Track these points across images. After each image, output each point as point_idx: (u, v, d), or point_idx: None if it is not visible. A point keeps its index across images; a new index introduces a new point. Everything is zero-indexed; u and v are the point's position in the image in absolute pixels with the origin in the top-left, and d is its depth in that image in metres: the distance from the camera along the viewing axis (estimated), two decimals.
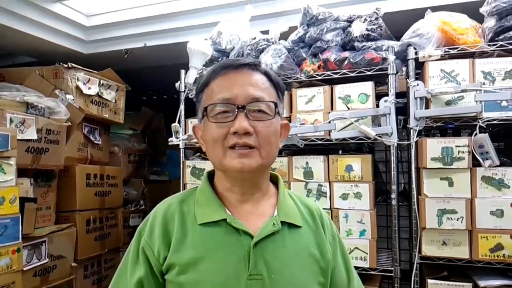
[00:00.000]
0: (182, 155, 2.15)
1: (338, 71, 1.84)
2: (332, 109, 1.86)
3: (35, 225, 1.88)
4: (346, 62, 1.81)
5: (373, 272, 1.77)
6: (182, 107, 2.12)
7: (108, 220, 2.51)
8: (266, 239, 0.79)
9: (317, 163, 1.84)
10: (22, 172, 1.88)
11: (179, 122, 2.11)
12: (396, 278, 1.74)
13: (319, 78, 1.89)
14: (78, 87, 2.27)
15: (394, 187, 1.76)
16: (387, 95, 1.77)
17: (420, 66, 1.78)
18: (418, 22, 1.76)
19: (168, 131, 2.19)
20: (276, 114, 0.81)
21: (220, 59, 2.10)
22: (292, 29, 2.02)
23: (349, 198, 1.79)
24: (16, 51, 2.83)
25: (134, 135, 3.22)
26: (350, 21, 1.88)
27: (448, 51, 1.69)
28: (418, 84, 1.68)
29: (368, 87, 1.80)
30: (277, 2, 2.26)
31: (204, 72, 2.08)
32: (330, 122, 1.80)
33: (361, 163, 1.78)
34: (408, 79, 1.74)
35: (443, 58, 1.70)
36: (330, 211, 1.81)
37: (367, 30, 1.80)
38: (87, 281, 2.35)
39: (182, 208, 0.83)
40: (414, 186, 1.70)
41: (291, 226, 0.83)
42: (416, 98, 1.68)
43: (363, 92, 1.80)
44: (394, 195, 1.75)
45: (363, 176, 1.77)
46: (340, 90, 1.84)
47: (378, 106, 1.78)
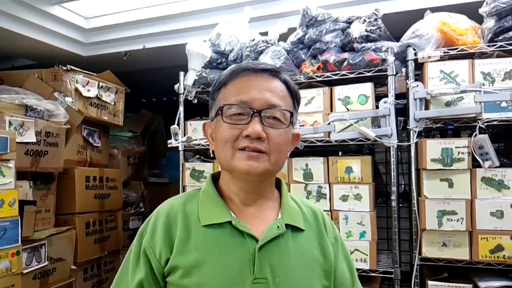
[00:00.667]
0: (181, 157, 2.15)
1: (337, 72, 1.84)
2: (331, 110, 1.85)
3: (34, 228, 1.88)
4: (346, 63, 1.81)
5: (373, 274, 1.76)
6: (181, 109, 2.12)
7: (108, 222, 2.50)
8: (270, 242, 0.78)
9: (316, 164, 1.84)
10: (21, 175, 1.87)
11: (178, 124, 2.11)
12: (396, 280, 1.73)
13: (319, 79, 1.89)
14: (77, 90, 2.27)
15: (394, 189, 1.76)
16: (386, 96, 1.76)
17: (419, 67, 1.78)
18: (417, 23, 1.76)
19: (168, 133, 2.19)
20: (290, 123, 0.81)
21: (219, 61, 2.10)
22: (291, 30, 2.02)
23: (349, 199, 1.79)
24: (15, 54, 2.83)
25: (133, 137, 3.21)
26: (349, 22, 1.88)
27: (448, 52, 1.69)
28: (417, 85, 1.68)
29: (367, 88, 1.80)
30: (276, 3, 2.27)
31: (203, 74, 2.08)
32: (329, 124, 1.80)
33: (361, 165, 1.77)
34: (407, 80, 1.74)
35: (442, 59, 1.70)
36: (330, 213, 1.81)
37: (367, 31, 1.80)
38: (87, 283, 2.34)
39: (185, 209, 0.83)
40: (414, 187, 1.70)
41: (295, 229, 0.83)
42: (415, 99, 1.68)
43: (362, 93, 1.80)
44: (394, 197, 1.75)
45: (363, 178, 1.77)
46: (340, 91, 1.84)
47: (377, 107, 1.78)
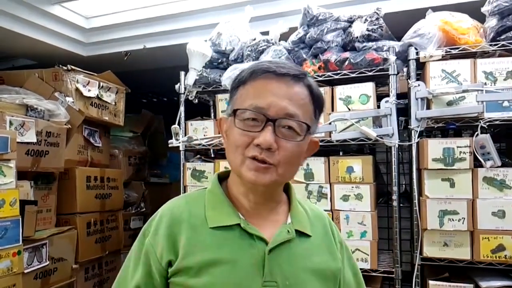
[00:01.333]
0: (182, 157, 2.15)
1: (338, 71, 1.83)
2: (332, 110, 1.85)
3: (35, 227, 1.88)
4: (347, 62, 1.80)
5: (374, 274, 1.76)
6: (182, 108, 2.12)
7: (109, 222, 2.50)
8: (280, 246, 0.78)
9: (317, 164, 1.83)
10: (22, 175, 1.87)
11: (179, 124, 2.10)
12: (397, 280, 1.73)
13: (320, 79, 1.88)
14: (77, 90, 2.26)
15: (395, 188, 1.75)
16: (388, 96, 1.76)
17: (421, 66, 1.77)
18: (419, 22, 1.75)
19: (168, 134, 2.18)
20: (306, 135, 0.77)
21: (219, 61, 2.09)
22: (292, 30, 2.02)
23: (350, 199, 1.78)
24: (16, 54, 2.83)
25: (134, 138, 3.21)
26: (351, 21, 1.88)
27: (449, 51, 1.68)
28: (419, 85, 1.67)
29: (369, 87, 1.79)
30: (277, 3, 2.26)
31: (203, 73, 2.07)
32: (330, 123, 1.79)
33: (362, 165, 1.77)
34: (409, 80, 1.73)
35: (444, 58, 1.69)
36: (331, 213, 1.80)
37: (368, 31, 1.79)
38: (88, 283, 2.34)
39: (190, 209, 0.81)
40: (415, 187, 1.69)
41: (302, 235, 0.82)
42: (417, 99, 1.68)
43: (364, 93, 1.80)
44: (395, 196, 1.75)
45: (364, 178, 1.77)
46: (341, 91, 1.84)
47: (379, 107, 1.77)
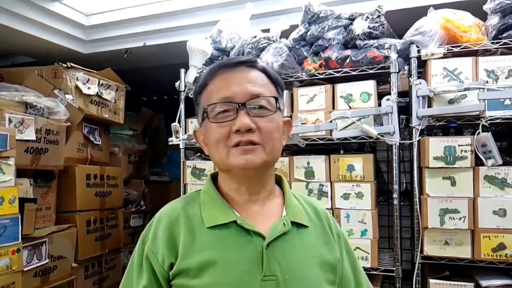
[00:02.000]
0: (182, 155, 2.14)
1: (339, 69, 1.83)
2: (333, 108, 1.84)
3: (35, 225, 1.87)
4: (348, 60, 1.79)
5: (374, 272, 1.76)
6: (182, 106, 2.11)
7: (109, 220, 2.50)
8: (277, 239, 0.78)
9: (318, 163, 1.83)
10: (21, 173, 1.87)
11: (179, 122, 2.10)
12: (397, 278, 1.73)
13: (321, 77, 1.87)
14: (77, 87, 2.25)
15: (396, 187, 1.75)
16: (388, 94, 1.75)
17: (422, 64, 1.76)
18: (420, 20, 1.74)
19: (168, 132, 2.18)
20: (277, 109, 0.80)
21: (220, 58, 2.08)
22: (293, 27, 2.01)
23: (350, 198, 1.78)
24: (15, 51, 2.82)
25: (134, 136, 3.21)
26: (352, 19, 1.87)
27: (451, 49, 1.67)
28: (420, 83, 1.67)
29: (370, 85, 1.79)
30: (278, 0, 2.25)
31: (204, 71, 2.06)
32: (331, 122, 1.78)
33: (362, 163, 1.76)
34: (410, 78, 1.72)
35: (446, 56, 1.68)
36: (332, 211, 1.80)
37: (369, 28, 1.78)
38: (88, 281, 2.34)
39: (187, 211, 0.82)
40: (416, 185, 1.69)
41: (299, 226, 0.83)
42: (418, 97, 1.67)
43: (365, 91, 1.79)
44: (396, 195, 1.74)
45: (364, 176, 1.76)
46: (342, 89, 1.83)
47: (380, 105, 1.76)
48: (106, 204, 2.47)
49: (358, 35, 1.80)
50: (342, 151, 2.06)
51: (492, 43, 1.64)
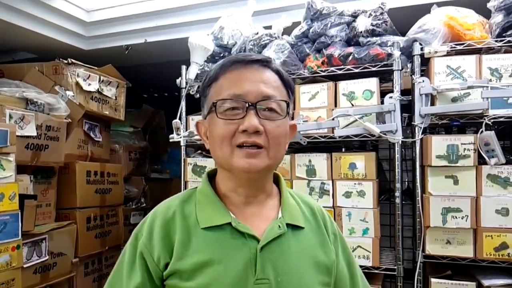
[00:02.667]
0: (183, 152, 2.13)
1: (342, 67, 1.82)
2: (335, 106, 1.83)
3: (35, 222, 1.87)
4: (351, 57, 1.78)
5: (376, 271, 1.75)
6: (183, 103, 2.10)
7: (109, 217, 2.49)
8: (272, 242, 0.77)
9: (320, 161, 1.82)
10: (21, 169, 1.86)
11: (180, 119, 2.08)
12: (399, 277, 1.72)
13: (323, 74, 1.86)
14: (78, 83, 2.25)
15: (398, 185, 1.74)
16: (391, 92, 1.74)
17: (425, 62, 1.75)
18: (424, 17, 1.73)
19: (169, 129, 2.17)
20: (287, 114, 0.79)
21: (222, 55, 2.07)
22: (296, 24, 2.00)
23: (352, 196, 1.77)
24: (16, 47, 2.81)
25: (134, 133, 3.20)
26: (355, 16, 1.86)
27: (455, 47, 1.66)
28: (423, 81, 1.66)
29: (372, 83, 1.78)
30: None
31: (205, 67, 2.05)
32: (333, 119, 1.77)
33: (364, 161, 1.76)
34: (413, 75, 1.71)
35: (449, 54, 1.67)
36: (333, 210, 1.79)
37: (372, 25, 1.77)
38: (88, 278, 2.34)
39: (183, 210, 0.80)
40: (418, 184, 1.68)
41: (295, 228, 0.82)
42: (421, 95, 1.66)
43: (367, 89, 1.78)
44: (397, 194, 1.73)
45: (366, 174, 1.75)
46: (344, 86, 1.82)
47: (382, 103, 1.75)
48: (106, 201, 2.47)
49: (361, 32, 1.79)
50: (343, 149, 2.05)
51: (496, 41, 1.63)
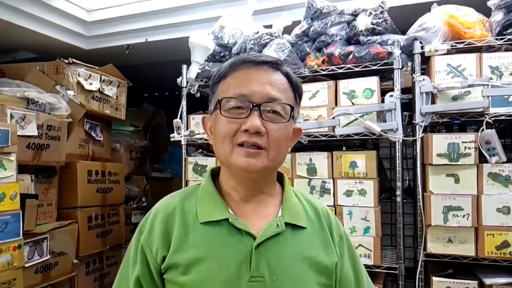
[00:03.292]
0: (184, 151, 2.13)
1: (342, 65, 1.82)
2: (336, 104, 1.83)
3: (36, 221, 1.87)
4: (351, 56, 1.78)
5: (377, 270, 1.75)
6: (184, 102, 2.10)
7: (110, 217, 2.49)
8: (269, 240, 0.77)
9: (320, 159, 1.82)
10: (23, 169, 1.86)
11: (181, 118, 2.09)
12: (400, 276, 1.72)
13: (323, 73, 1.86)
14: (79, 83, 2.25)
15: (399, 184, 1.74)
16: (392, 90, 1.74)
17: (426, 60, 1.75)
18: (424, 16, 1.73)
19: (170, 128, 2.17)
20: (290, 117, 0.79)
21: (222, 54, 2.07)
22: (296, 23, 2.00)
23: (353, 195, 1.77)
24: (17, 47, 2.82)
25: (135, 132, 3.20)
26: (355, 14, 1.86)
27: (455, 45, 1.66)
28: (424, 79, 1.66)
29: (373, 82, 1.78)
30: None
31: (206, 67, 2.05)
32: (334, 118, 1.78)
33: (365, 160, 1.76)
34: (414, 74, 1.71)
35: (449, 52, 1.67)
36: (334, 208, 1.79)
37: (372, 24, 1.77)
38: (89, 278, 2.34)
39: (183, 205, 0.82)
40: (419, 182, 1.68)
41: (295, 227, 0.81)
42: (422, 93, 1.66)
43: (368, 87, 1.78)
44: (398, 192, 1.73)
45: (367, 173, 1.75)
46: (345, 85, 1.82)
47: (383, 101, 1.75)
48: (108, 200, 2.47)
49: (361, 31, 1.79)
50: (344, 148, 2.04)
51: (496, 39, 1.63)
